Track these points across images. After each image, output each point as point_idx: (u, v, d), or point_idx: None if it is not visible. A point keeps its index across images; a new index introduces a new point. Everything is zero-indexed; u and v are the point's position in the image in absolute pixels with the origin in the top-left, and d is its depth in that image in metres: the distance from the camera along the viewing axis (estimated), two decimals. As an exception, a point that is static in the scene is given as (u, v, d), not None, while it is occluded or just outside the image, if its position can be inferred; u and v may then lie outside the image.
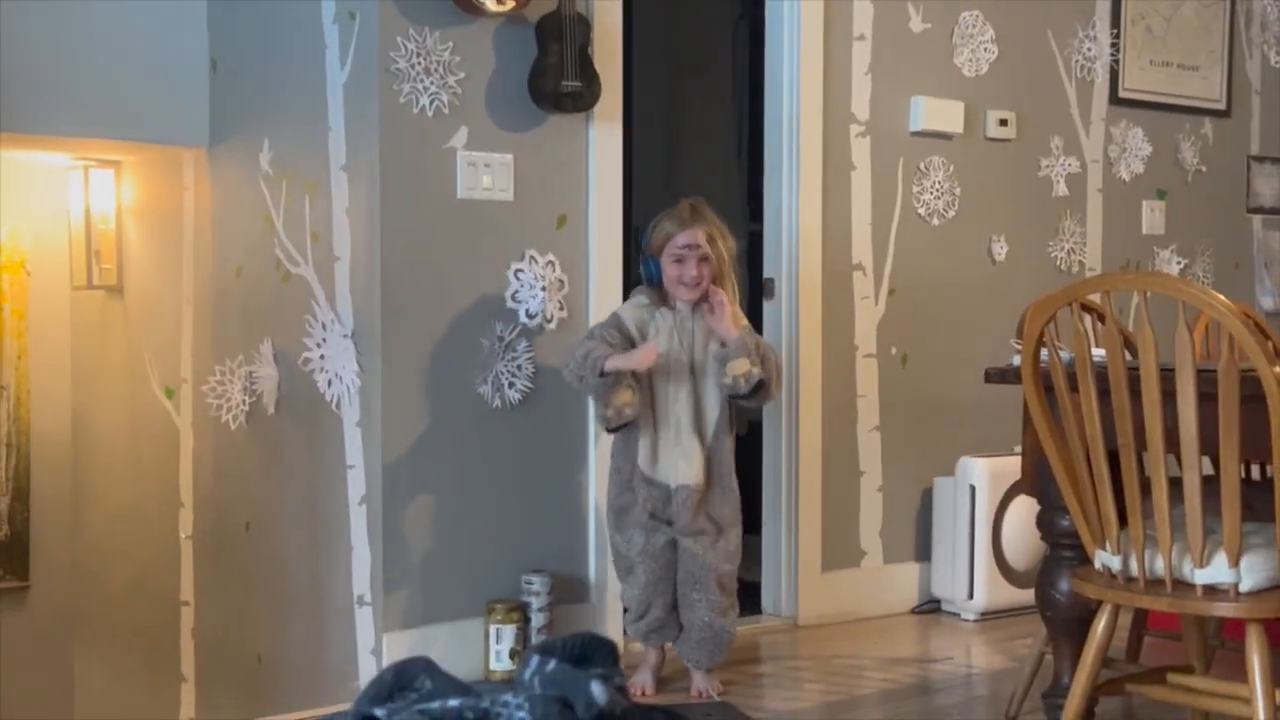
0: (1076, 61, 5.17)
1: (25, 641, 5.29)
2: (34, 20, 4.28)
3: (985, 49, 4.92)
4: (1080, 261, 5.19)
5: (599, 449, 4.01)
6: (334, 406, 3.97)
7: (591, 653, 1.32)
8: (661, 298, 3.71)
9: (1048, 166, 5.11)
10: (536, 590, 3.95)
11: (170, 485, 4.77)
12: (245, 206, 4.36)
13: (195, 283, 4.66)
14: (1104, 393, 2.66)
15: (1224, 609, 2.64)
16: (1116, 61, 5.27)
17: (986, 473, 4.56)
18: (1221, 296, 2.56)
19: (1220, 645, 3.50)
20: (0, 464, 5.35)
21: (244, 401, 4.34)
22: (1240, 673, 2.67)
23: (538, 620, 3.94)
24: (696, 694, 3.72)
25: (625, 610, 3.86)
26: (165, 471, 4.80)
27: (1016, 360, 3.06)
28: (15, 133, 4.39)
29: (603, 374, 3.56)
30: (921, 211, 4.81)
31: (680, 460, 3.66)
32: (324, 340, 3.99)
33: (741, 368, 3.59)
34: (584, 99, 4.02)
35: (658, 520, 3.69)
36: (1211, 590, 2.64)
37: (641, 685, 3.77)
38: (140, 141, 4.59)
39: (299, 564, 4.19)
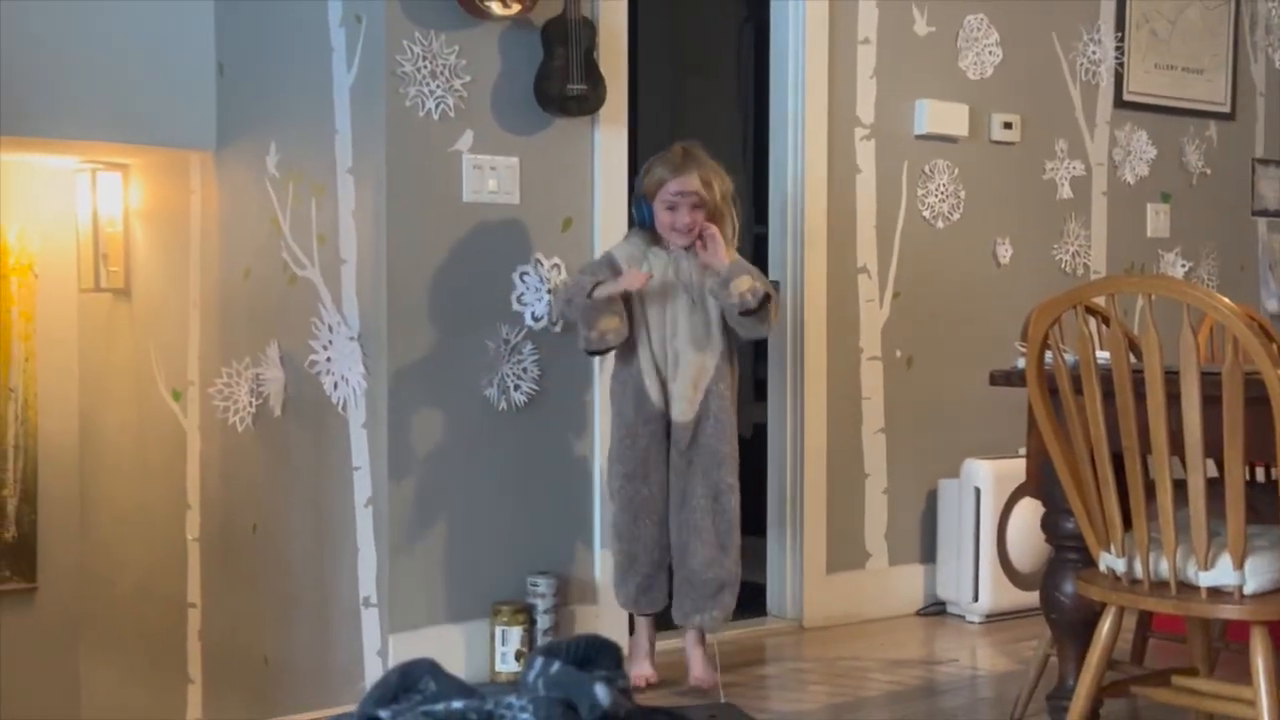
0: (1081, 64, 5.18)
1: (32, 643, 5.30)
2: (42, 24, 4.30)
3: (990, 52, 4.93)
4: (1085, 264, 5.19)
5: (604, 452, 4.00)
6: (340, 409, 3.98)
7: (596, 655, 1.32)
8: (655, 240, 3.73)
9: (1052, 169, 5.12)
10: (542, 592, 3.95)
11: (177, 487, 4.78)
12: (252, 209, 4.37)
13: (202, 285, 4.67)
14: (1108, 395, 2.66)
15: (1228, 611, 2.64)
16: (1121, 65, 5.27)
17: (991, 475, 4.56)
18: (1226, 299, 2.56)
19: (1224, 647, 3.50)
20: (8, 466, 5.37)
21: (251, 404, 4.35)
22: (1244, 675, 2.67)
23: (543, 622, 3.94)
24: (696, 681, 3.72)
25: (615, 569, 3.82)
26: (172, 473, 4.81)
27: (1021, 363, 3.06)
28: (23, 135, 4.40)
29: (590, 297, 3.59)
30: (926, 214, 4.81)
31: (680, 397, 3.68)
32: (330, 342, 4.00)
33: (745, 284, 3.62)
34: (589, 102, 4.03)
35: (654, 465, 3.69)
36: (1216, 592, 2.64)
37: (642, 675, 3.76)
38: (147, 144, 4.60)
39: (305, 566, 4.20)
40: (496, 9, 3.86)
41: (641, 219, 3.73)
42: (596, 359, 3.98)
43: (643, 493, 3.71)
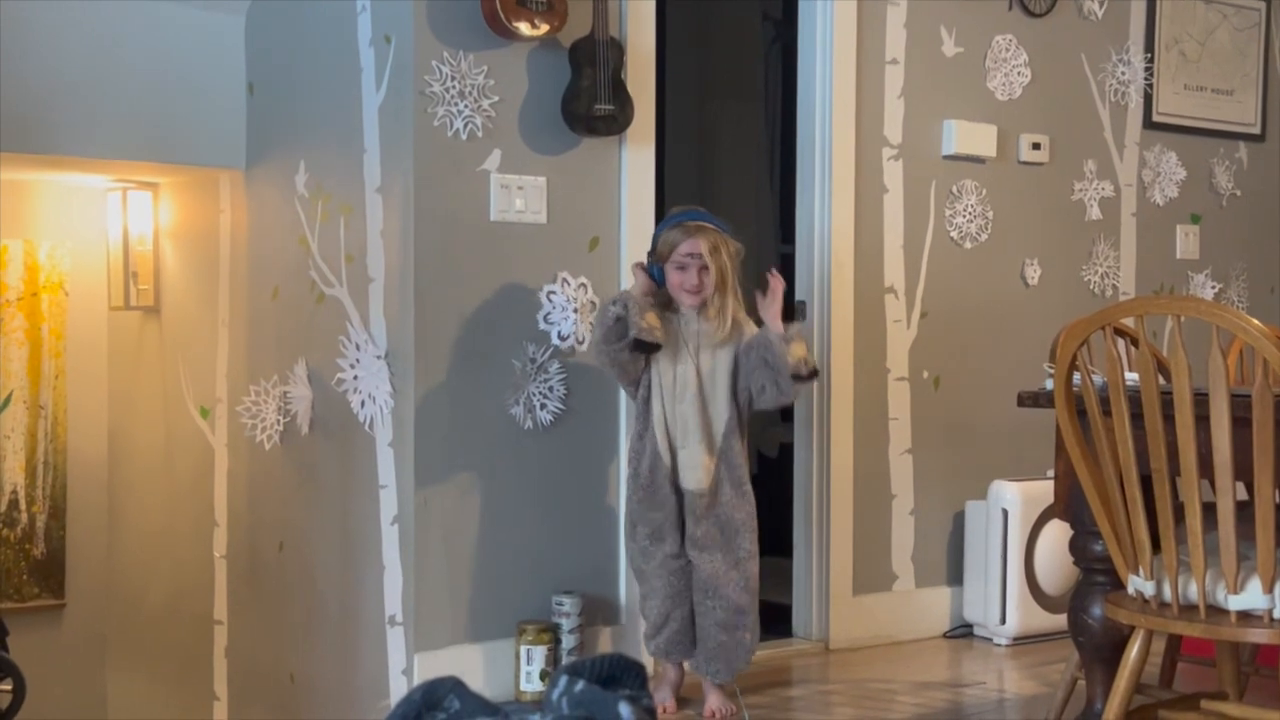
0: (1110, 85, 5.16)
1: (60, 659, 5.32)
2: (73, 44, 4.33)
3: (1018, 73, 4.92)
4: (1114, 285, 5.17)
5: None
6: (367, 427, 3.99)
7: (620, 674, 1.32)
8: (667, 301, 3.75)
9: (1081, 190, 5.10)
10: (567, 611, 3.95)
11: (205, 505, 4.80)
12: (281, 228, 4.39)
13: (231, 303, 4.69)
14: (1137, 417, 2.65)
15: (1258, 635, 2.62)
16: (1150, 85, 5.25)
17: (1019, 497, 4.54)
18: (1256, 321, 2.55)
19: (1254, 672, 3.47)
20: (37, 483, 5.40)
21: (278, 421, 4.37)
22: (1275, 699, 2.65)
23: (568, 641, 3.94)
24: (710, 714, 3.72)
25: (645, 625, 3.87)
26: (200, 491, 4.83)
27: (1049, 384, 3.05)
28: (55, 154, 4.44)
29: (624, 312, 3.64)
30: (954, 235, 4.80)
31: (689, 466, 3.69)
32: (358, 361, 4.01)
33: (801, 350, 3.66)
34: (617, 122, 4.04)
35: (670, 529, 3.71)
36: (1245, 616, 2.62)
37: (661, 702, 3.78)
38: (178, 164, 4.63)
39: (331, 583, 4.20)
40: (525, 29, 3.87)
41: (652, 280, 3.76)
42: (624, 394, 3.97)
43: (668, 554, 3.73)
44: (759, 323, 3.76)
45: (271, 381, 4.39)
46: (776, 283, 3.71)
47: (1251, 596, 2.60)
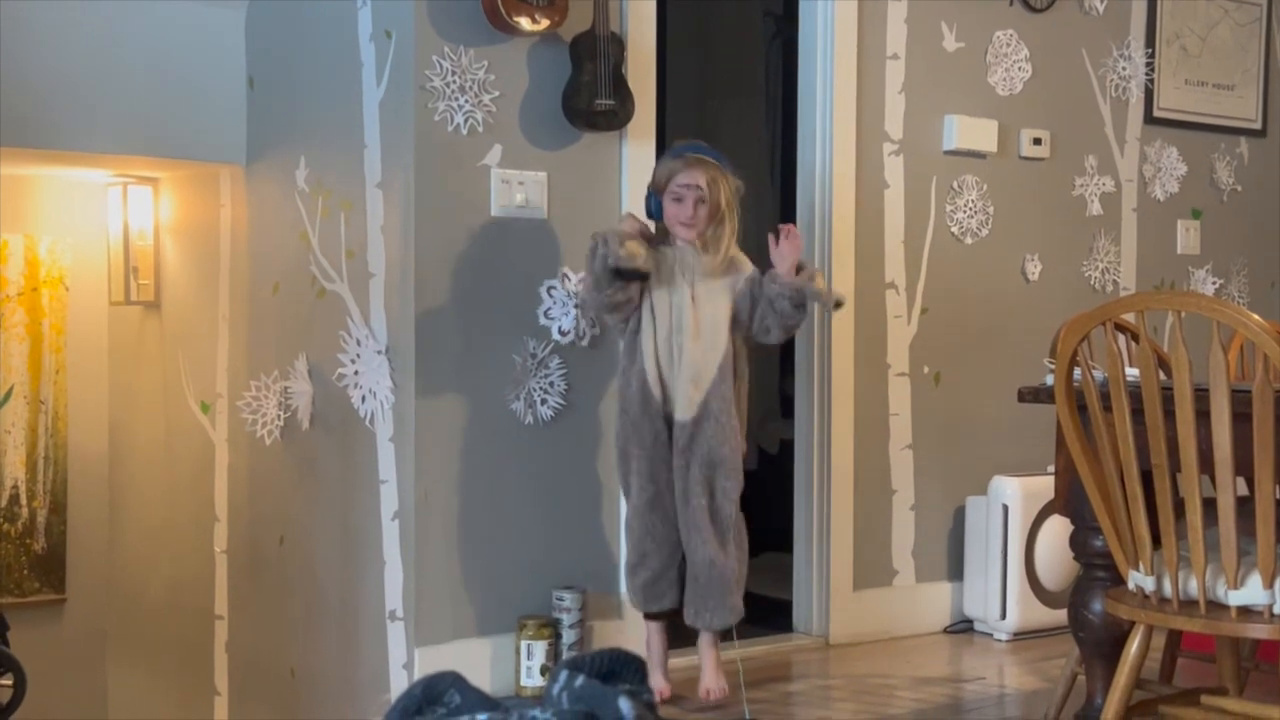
0: (1111, 81, 5.16)
1: (61, 654, 5.33)
2: (73, 39, 4.33)
3: (1019, 68, 4.92)
4: (1114, 281, 5.17)
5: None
6: (367, 422, 3.99)
7: (620, 669, 1.32)
8: (665, 235, 3.76)
9: (1082, 186, 5.10)
10: (568, 606, 3.95)
11: (205, 500, 4.80)
12: (281, 223, 4.39)
13: (231, 299, 4.69)
14: (1138, 412, 2.65)
15: (1258, 631, 2.63)
16: (1151, 81, 5.25)
17: (1019, 492, 4.54)
18: (1256, 316, 2.55)
19: (1254, 667, 3.47)
20: (38, 478, 5.40)
21: (279, 417, 4.37)
22: (1275, 695, 2.65)
23: (569, 637, 3.94)
24: (705, 693, 3.71)
25: (627, 569, 3.84)
26: (200, 486, 4.83)
27: (1050, 379, 3.05)
28: (55, 149, 4.44)
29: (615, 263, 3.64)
30: (955, 230, 4.80)
31: (681, 394, 3.68)
32: (358, 356, 4.01)
33: (822, 281, 3.75)
34: (618, 117, 4.04)
35: (656, 462, 3.69)
36: (1246, 612, 2.62)
37: (658, 690, 3.75)
38: (178, 159, 4.63)
39: (332, 578, 4.21)
40: (525, 24, 3.87)
41: (649, 212, 3.77)
42: (615, 321, 3.92)
43: (649, 489, 3.71)
44: (756, 263, 3.75)
45: (272, 377, 4.40)
46: (793, 234, 3.73)
47: (1251, 592, 2.60)
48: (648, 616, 3.83)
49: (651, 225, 3.81)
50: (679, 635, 3.90)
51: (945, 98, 4.77)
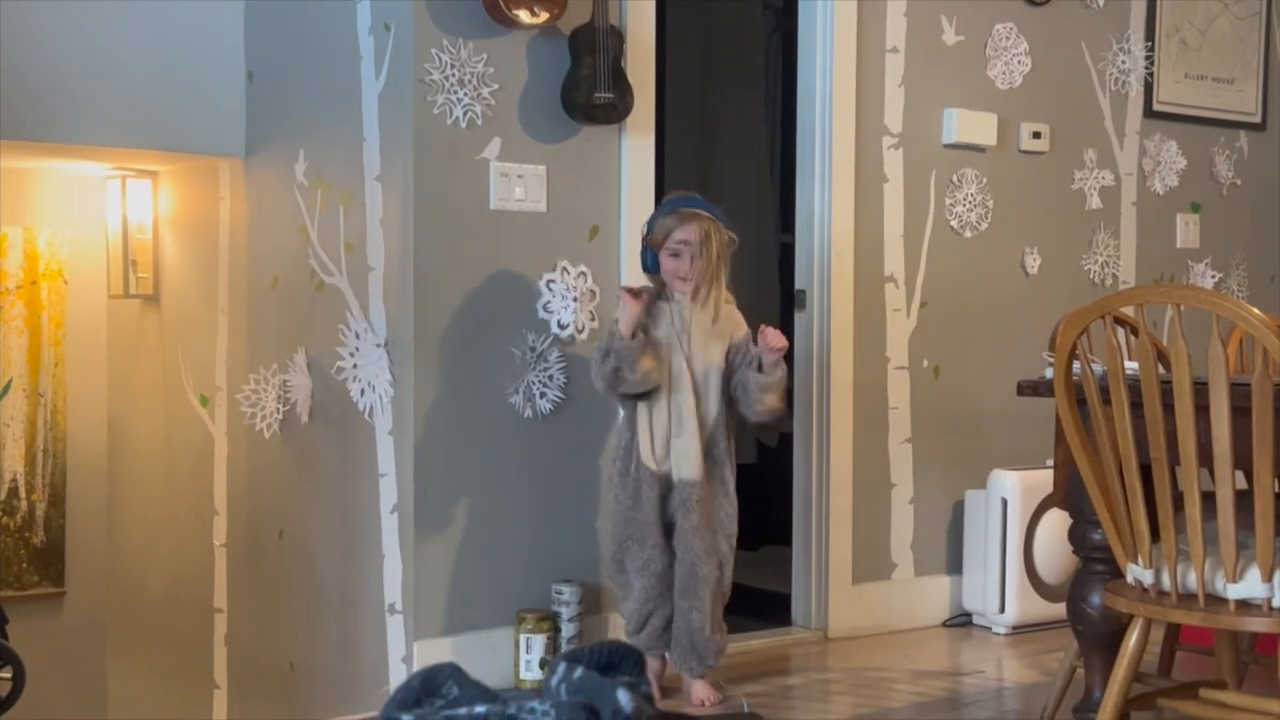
0: (1110, 74, 5.16)
1: (60, 647, 5.33)
2: (72, 31, 4.33)
3: (1019, 61, 4.91)
4: (1114, 275, 5.17)
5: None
6: (366, 415, 3.99)
7: (618, 661, 1.32)
8: (661, 287, 3.75)
9: (1081, 179, 5.10)
10: (567, 600, 3.95)
11: (204, 493, 4.80)
12: (280, 217, 4.39)
13: (230, 292, 4.69)
14: (1136, 406, 2.65)
15: (1257, 624, 2.63)
16: (1151, 74, 5.25)
17: (1018, 486, 4.54)
18: (1256, 310, 2.55)
19: (1253, 660, 3.47)
20: (37, 471, 5.40)
21: (278, 410, 4.37)
22: (1273, 688, 2.66)
23: (568, 630, 3.94)
24: (699, 702, 3.72)
25: (626, 624, 3.82)
26: (199, 479, 4.83)
27: (1049, 373, 3.05)
28: (54, 142, 4.44)
29: (630, 338, 3.62)
30: (954, 224, 4.80)
31: (683, 454, 3.67)
32: (357, 350, 4.01)
33: (773, 402, 3.70)
34: (617, 111, 4.03)
35: (652, 528, 3.68)
36: (1244, 605, 2.62)
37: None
38: (177, 152, 4.63)
39: (331, 572, 4.21)
40: (525, 17, 3.87)
41: (646, 265, 3.76)
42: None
43: (651, 553, 3.69)
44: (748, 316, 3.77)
45: (271, 370, 4.40)
46: (778, 342, 3.68)
47: (1250, 585, 2.60)
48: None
49: (648, 282, 3.78)
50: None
51: (945, 91, 4.77)
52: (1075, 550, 3.22)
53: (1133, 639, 2.76)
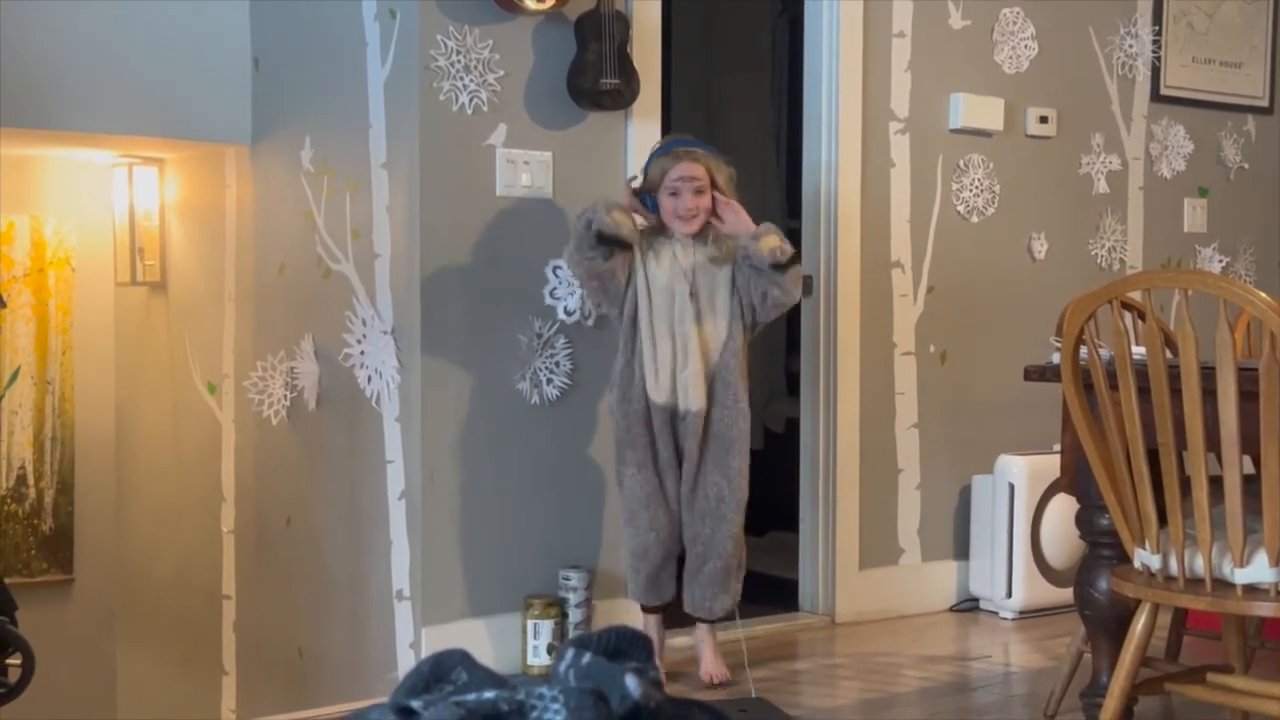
0: (1118, 58, 5.14)
1: (69, 634, 5.35)
2: (78, 19, 4.33)
3: (1026, 46, 4.90)
4: (1121, 259, 5.16)
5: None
6: (374, 402, 3.99)
7: (626, 647, 1.32)
8: (661, 228, 3.74)
9: (1088, 164, 5.09)
10: (574, 586, 3.96)
11: (212, 480, 4.81)
12: (287, 204, 4.39)
13: (237, 279, 4.70)
14: (1144, 391, 2.65)
15: (1264, 609, 2.63)
16: (1158, 58, 5.23)
17: (1025, 471, 4.54)
18: (1263, 294, 2.54)
19: (1260, 645, 3.48)
20: (45, 458, 5.41)
21: (285, 397, 4.38)
22: (1280, 673, 2.65)
23: (575, 616, 3.95)
24: (706, 676, 3.72)
25: (626, 566, 3.83)
26: (207, 466, 4.84)
27: (1056, 358, 3.05)
28: (61, 130, 4.44)
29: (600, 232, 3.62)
30: (961, 209, 4.79)
31: (690, 385, 3.67)
32: (364, 336, 4.01)
33: (774, 240, 3.66)
34: (623, 96, 4.03)
35: (663, 454, 3.69)
36: (1252, 590, 2.62)
37: None
38: (183, 139, 4.63)
39: (339, 558, 4.22)
40: (530, 3, 3.86)
41: (648, 208, 3.75)
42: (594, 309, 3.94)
43: (653, 482, 3.71)
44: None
45: (278, 357, 4.40)
46: (724, 202, 3.69)
47: (1258, 570, 2.60)
48: (645, 610, 3.83)
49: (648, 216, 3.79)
50: (673, 618, 3.89)
51: (951, 76, 4.76)
52: (1082, 535, 3.22)
53: (1140, 624, 2.76)
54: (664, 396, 3.69)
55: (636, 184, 3.76)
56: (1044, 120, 4.94)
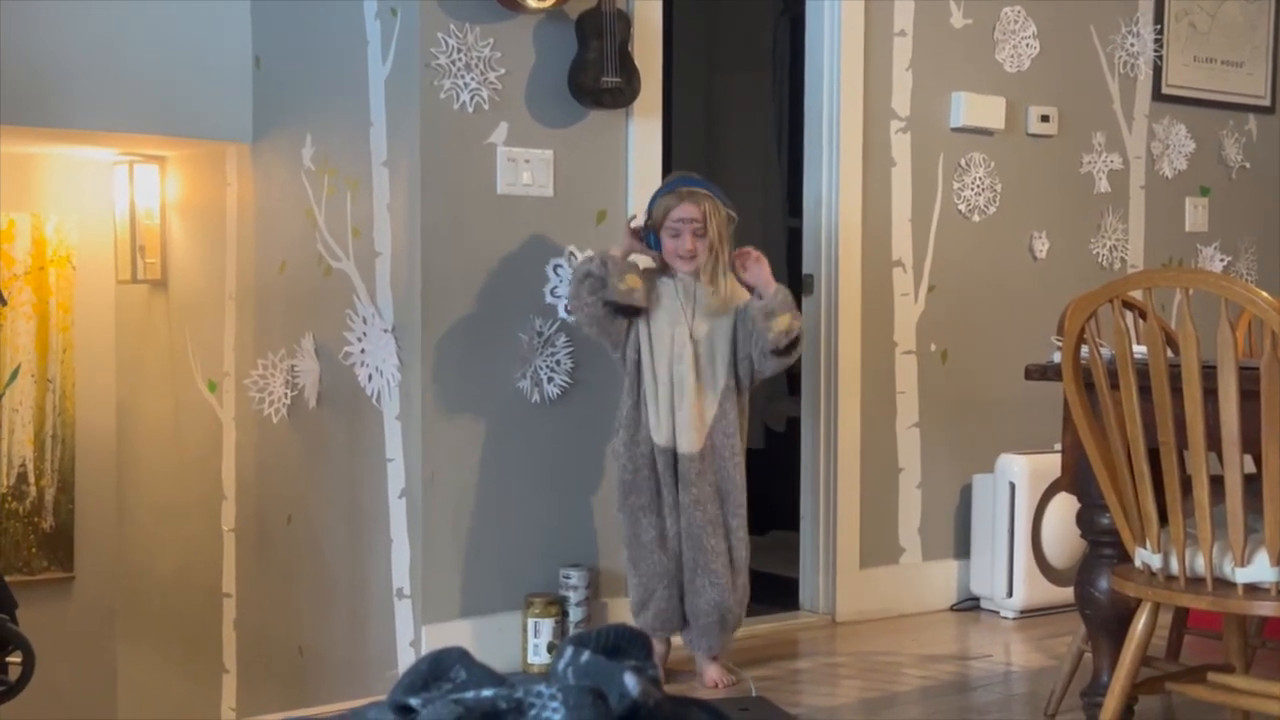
0: (1119, 57, 5.14)
1: (69, 632, 5.34)
2: (80, 17, 4.32)
3: (1027, 44, 4.90)
4: (1122, 258, 5.16)
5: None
6: (374, 400, 3.99)
7: (625, 645, 1.32)
8: (663, 267, 3.75)
9: (1090, 163, 5.08)
10: (574, 584, 3.96)
11: (213, 478, 4.81)
12: (288, 202, 4.39)
13: (238, 277, 4.70)
14: (1145, 390, 2.64)
15: (1265, 608, 2.62)
16: (1160, 57, 5.23)
17: (1026, 470, 4.54)
18: (1264, 293, 2.54)
19: (1261, 644, 3.47)
20: (45, 456, 5.41)
21: (286, 395, 4.38)
22: (1281, 672, 2.65)
23: (575, 614, 3.95)
24: (712, 684, 3.72)
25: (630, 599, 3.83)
26: (208, 464, 4.84)
27: (1057, 357, 3.05)
28: (62, 128, 4.44)
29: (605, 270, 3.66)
30: (962, 208, 4.79)
31: (685, 428, 3.67)
32: (365, 334, 4.01)
33: (784, 323, 3.65)
34: (624, 95, 4.03)
35: (661, 499, 3.69)
36: (1252, 589, 2.62)
37: None
38: (184, 137, 4.63)
39: (339, 556, 4.22)
40: (531, 1, 3.86)
41: (649, 245, 3.76)
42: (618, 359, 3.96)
43: (658, 525, 3.71)
44: (750, 289, 3.76)
45: (279, 355, 4.40)
46: (748, 252, 3.71)
47: (1259, 569, 2.60)
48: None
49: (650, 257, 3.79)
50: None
51: (953, 74, 4.75)
52: (1083, 534, 3.22)
53: (1140, 623, 2.76)
54: (664, 438, 3.70)
55: (636, 224, 3.77)
56: (1045, 119, 4.94)
